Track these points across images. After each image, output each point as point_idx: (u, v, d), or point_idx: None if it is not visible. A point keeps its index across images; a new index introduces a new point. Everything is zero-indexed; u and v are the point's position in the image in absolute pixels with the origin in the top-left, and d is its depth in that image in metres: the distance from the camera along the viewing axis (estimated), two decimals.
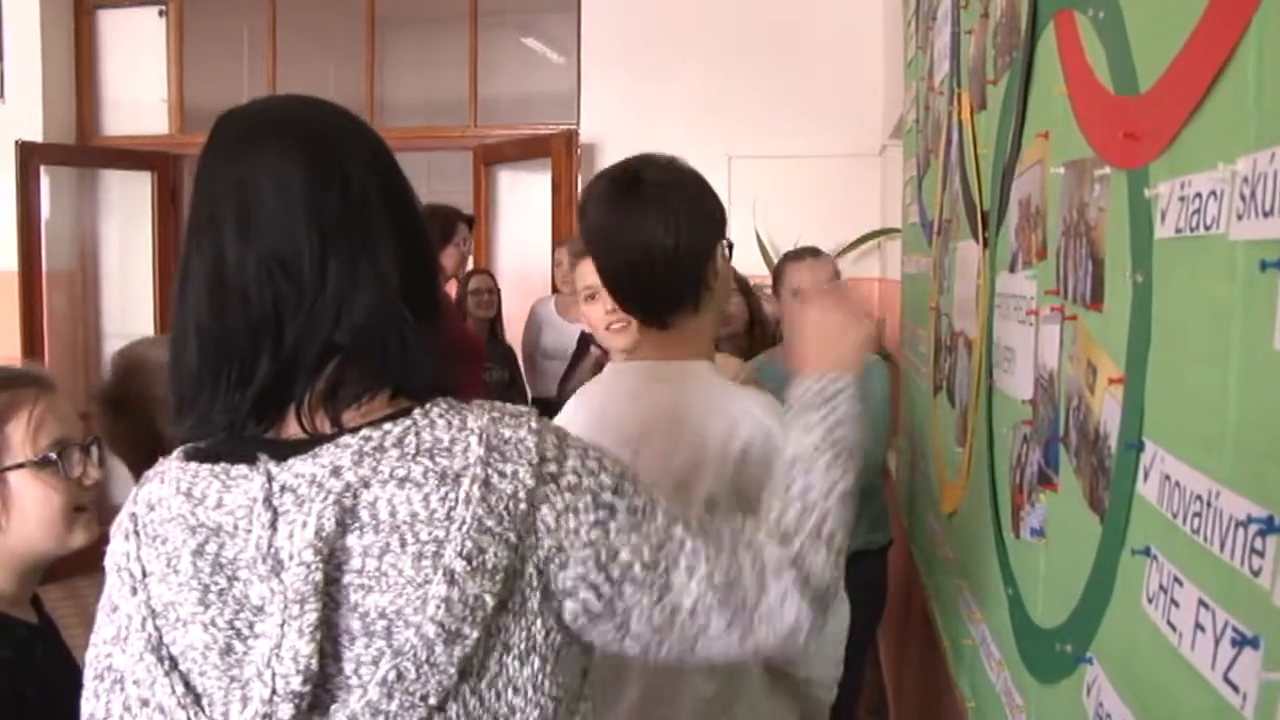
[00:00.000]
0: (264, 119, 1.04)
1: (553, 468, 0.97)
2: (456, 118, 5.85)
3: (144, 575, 0.99)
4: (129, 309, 6.33)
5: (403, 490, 0.93)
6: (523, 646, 0.95)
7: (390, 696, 0.91)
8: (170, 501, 0.99)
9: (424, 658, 0.91)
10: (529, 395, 4.83)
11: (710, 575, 1.02)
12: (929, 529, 2.61)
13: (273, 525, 0.94)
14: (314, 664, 0.91)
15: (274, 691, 0.91)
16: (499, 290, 4.97)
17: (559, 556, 0.96)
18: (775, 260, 4.65)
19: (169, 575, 0.98)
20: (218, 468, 0.98)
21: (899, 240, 4.25)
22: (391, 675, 0.91)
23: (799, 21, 5.22)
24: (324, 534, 0.92)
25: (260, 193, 0.98)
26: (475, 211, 5.48)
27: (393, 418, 0.98)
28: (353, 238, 0.98)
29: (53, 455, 1.43)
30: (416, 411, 0.98)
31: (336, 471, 0.94)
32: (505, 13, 6.07)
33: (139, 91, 6.18)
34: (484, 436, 0.96)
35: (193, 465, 1.00)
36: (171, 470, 1.02)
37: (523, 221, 5.87)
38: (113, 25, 6.27)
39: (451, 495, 0.93)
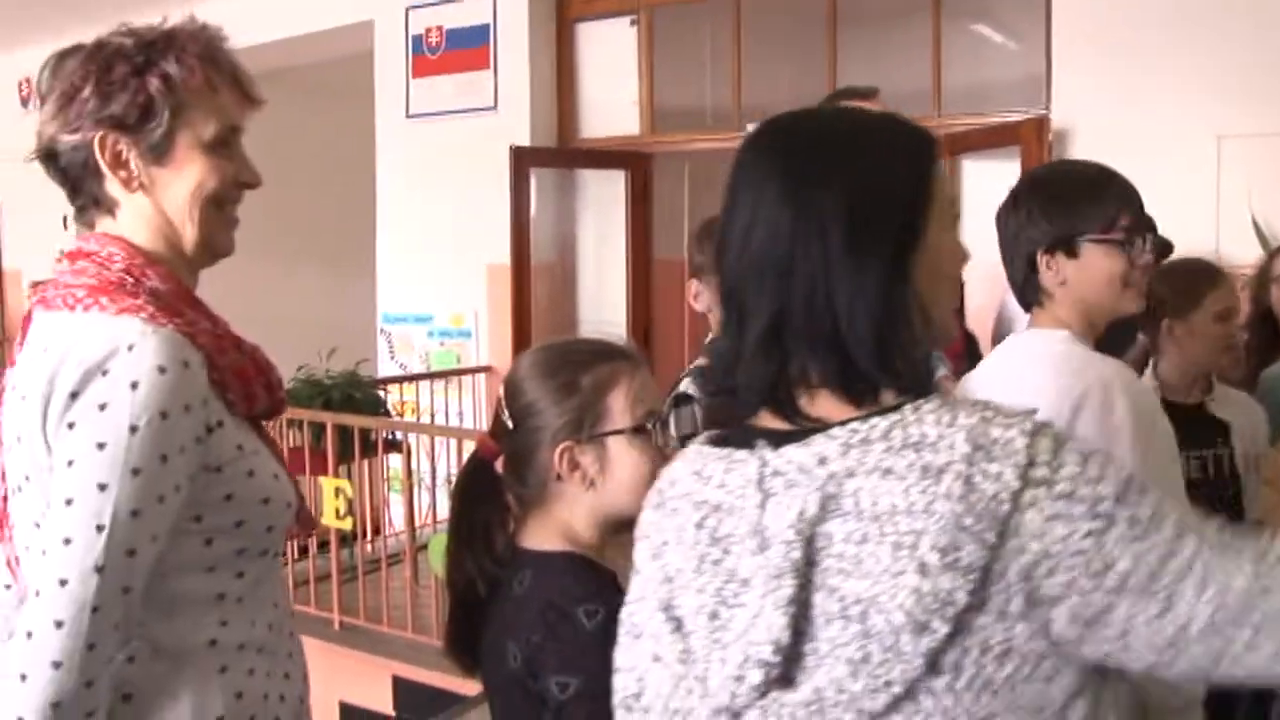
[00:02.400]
0: (763, 143, 1.13)
1: (1043, 472, 0.95)
2: (912, 109, 5.82)
3: (664, 543, 1.12)
4: (602, 300, 6.82)
5: (885, 482, 0.96)
6: (1001, 648, 0.94)
7: (855, 676, 0.94)
8: (684, 480, 1.12)
9: (890, 644, 0.92)
10: None
11: (1223, 593, 0.94)
12: None
13: (762, 505, 1.02)
14: (784, 637, 0.96)
15: (747, 657, 0.97)
16: (962, 280, 4.88)
17: (1046, 563, 0.93)
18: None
19: (678, 544, 1.09)
20: (723, 451, 1.09)
21: None
22: (858, 656, 0.94)
23: None
24: (805, 516, 0.98)
25: (785, 189, 1.06)
26: None
27: (882, 412, 1.02)
28: (869, 242, 1.04)
29: (648, 425, 1.58)
30: (907, 407, 1.01)
31: (823, 460, 1.00)
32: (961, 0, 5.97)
33: (613, 95, 6.62)
34: (971, 435, 0.96)
35: (707, 449, 1.12)
36: (691, 452, 1.15)
37: (990, 211, 5.73)
38: (589, 36, 6.76)
39: (932, 489, 0.94)
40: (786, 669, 0.97)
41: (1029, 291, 1.99)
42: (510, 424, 1.59)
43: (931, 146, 1.11)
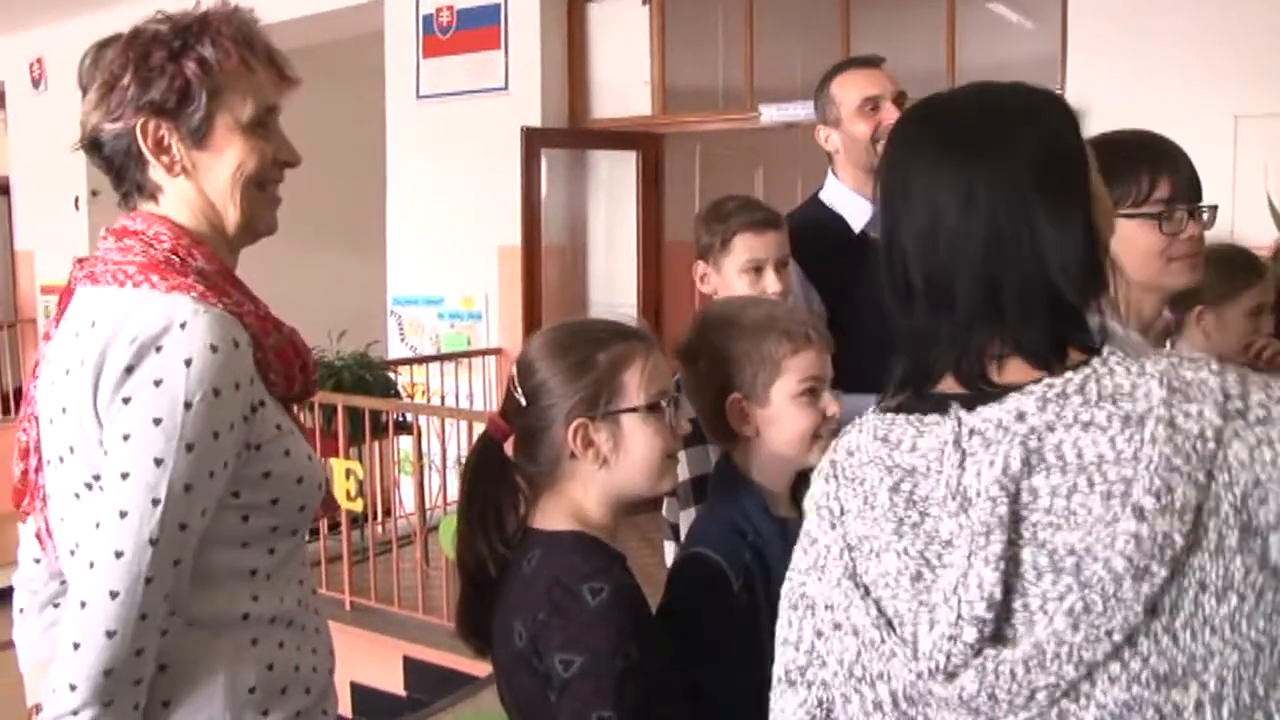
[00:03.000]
0: (921, 117, 1.16)
1: (1238, 404, 0.97)
2: (927, 88, 5.76)
3: (841, 512, 1.11)
4: (613, 281, 6.81)
5: (1087, 434, 0.98)
6: (1219, 584, 0.94)
7: (1075, 628, 0.94)
8: (868, 447, 1.11)
9: (1111, 591, 0.93)
10: None
11: None
12: None
13: (961, 465, 1.02)
14: (997, 592, 0.97)
15: (959, 616, 0.97)
16: None
17: (1257, 491, 0.95)
18: None
19: (865, 511, 1.09)
20: (912, 417, 1.09)
21: None
22: (1079, 606, 0.94)
23: None
24: (1009, 472, 0.99)
25: (962, 170, 1.07)
26: None
27: (1072, 368, 1.03)
28: (1064, 199, 1.06)
29: (662, 403, 1.57)
30: (1095, 360, 1.03)
31: (1021, 416, 1.01)
32: None
33: (624, 76, 6.59)
34: (1164, 379, 0.98)
35: (889, 416, 1.12)
36: (869, 420, 1.14)
37: None
38: (601, 16, 6.73)
39: (1136, 437, 0.96)
40: (1001, 627, 0.98)
41: None
42: (523, 402, 1.58)
43: (1065, 102, 1.15)
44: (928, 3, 5.82)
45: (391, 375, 6.24)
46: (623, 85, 6.59)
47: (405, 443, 5.85)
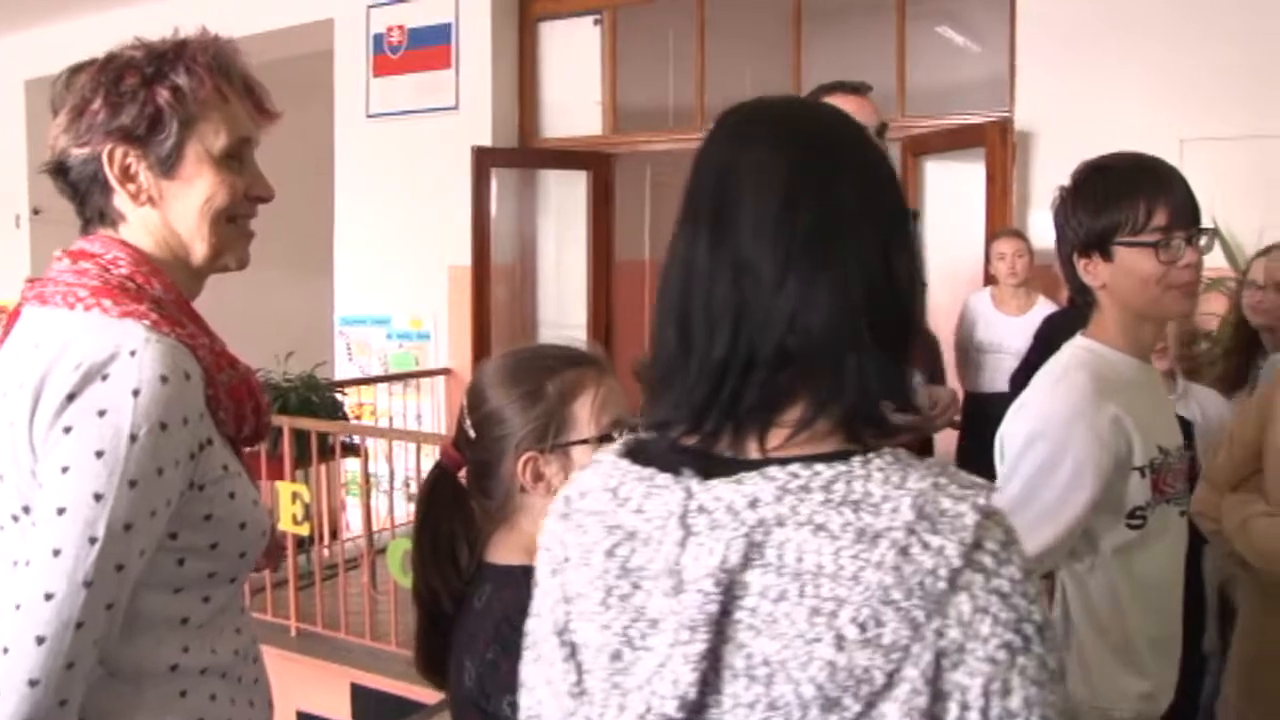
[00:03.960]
0: (756, 117, 1.03)
1: (988, 561, 0.86)
2: (880, 111, 5.79)
3: (565, 560, 1.02)
4: (563, 301, 6.78)
5: (815, 539, 0.87)
6: None
7: None
8: (597, 495, 1.00)
9: (797, 718, 0.85)
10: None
11: None
12: None
13: (682, 544, 0.91)
14: (692, 693, 0.88)
15: (649, 709, 0.89)
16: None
17: (957, 654, 0.84)
18: (1239, 254, 4.31)
19: (582, 567, 0.99)
20: (645, 471, 0.98)
21: None
22: None
23: None
24: (727, 566, 0.88)
25: (737, 189, 0.96)
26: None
27: (829, 459, 0.91)
28: (822, 246, 0.93)
29: (614, 435, 1.51)
30: (856, 459, 0.90)
31: (754, 504, 0.89)
32: (924, 1, 5.97)
33: (575, 95, 6.59)
34: (918, 501, 0.87)
35: (625, 463, 1.01)
36: (605, 464, 1.03)
37: (951, 213, 5.75)
38: (552, 35, 6.73)
39: (864, 555, 0.85)
40: None
41: (1077, 293, 1.90)
42: (473, 434, 1.53)
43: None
44: (877, 26, 5.87)
45: (339, 396, 6.16)
46: (573, 105, 6.58)
47: (352, 464, 5.77)
